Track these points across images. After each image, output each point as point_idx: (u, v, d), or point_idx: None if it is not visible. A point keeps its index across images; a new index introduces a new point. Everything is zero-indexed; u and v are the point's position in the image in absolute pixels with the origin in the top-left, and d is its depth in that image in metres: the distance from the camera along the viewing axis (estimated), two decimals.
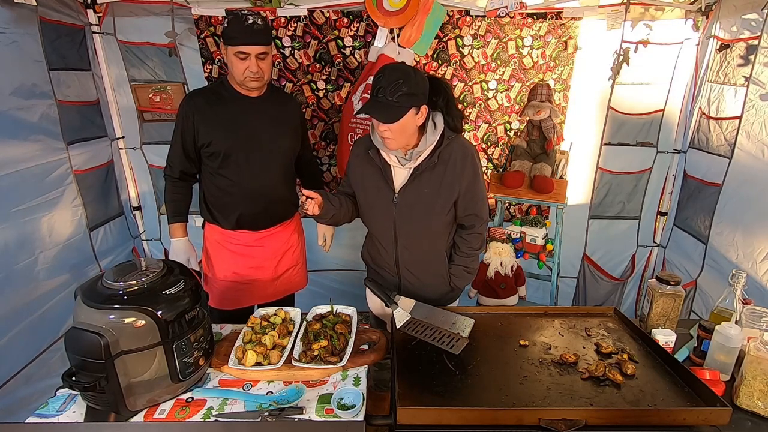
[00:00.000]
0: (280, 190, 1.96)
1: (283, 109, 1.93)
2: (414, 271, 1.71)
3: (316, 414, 1.18)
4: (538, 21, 2.47)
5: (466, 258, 1.70)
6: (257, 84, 1.78)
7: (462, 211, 1.62)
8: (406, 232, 1.63)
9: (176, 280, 1.22)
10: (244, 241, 1.96)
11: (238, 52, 1.69)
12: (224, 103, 1.81)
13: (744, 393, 1.23)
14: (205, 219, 1.99)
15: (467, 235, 1.68)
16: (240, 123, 1.82)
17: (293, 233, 2.10)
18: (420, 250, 1.68)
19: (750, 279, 1.95)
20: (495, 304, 2.34)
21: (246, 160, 1.84)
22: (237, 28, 1.67)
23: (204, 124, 1.80)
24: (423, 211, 1.58)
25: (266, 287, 2.03)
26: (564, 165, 2.44)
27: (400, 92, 1.38)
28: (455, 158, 1.54)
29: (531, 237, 2.46)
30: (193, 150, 1.85)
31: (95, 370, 1.09)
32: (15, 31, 1.95)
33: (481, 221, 1.67)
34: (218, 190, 1.89)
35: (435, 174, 1.54)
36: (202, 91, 1.88)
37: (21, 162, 1.98)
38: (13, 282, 1.94)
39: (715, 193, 2.32)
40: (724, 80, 2.30)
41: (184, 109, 1.82)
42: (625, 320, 1.59)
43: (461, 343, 1.40)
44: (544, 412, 1.12)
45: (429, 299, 1.66)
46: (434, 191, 1.56)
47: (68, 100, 2.28)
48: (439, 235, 1.67)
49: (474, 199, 1.61)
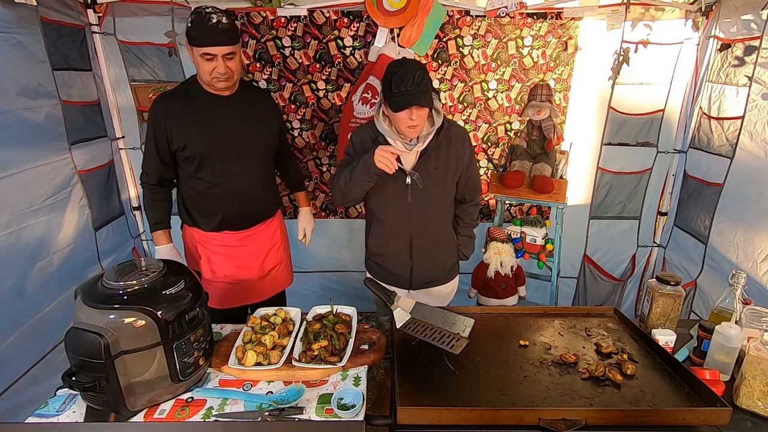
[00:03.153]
0: (261, 188, 1.93)
1: (256, 105, 1.88)
2: (427, 250, 1.80)
3: (316, 414, 1.18)
4: (538, 21, 2.47)
5: (468, 227, 1.92)
6: (226, 84, 1.73)
7: (464, 184, 1.80)
8: (420, 211, 1.73)
9: (176, 280, 1.22)
10: (227, 242, 1.93)
11: (203, 54, 1.62)
12: (196, 104, 1.76)
13: (744, 393, 1.23)
14: (185, 222, 1.96)
15: (468, 207, 1.89)
16: (214, 123, 1.77)
17: (276, 231, 2.07)
18: (433, 226, 1.79)
19: (750, 279, 1.95)
20: (495, 304, 2.34)
21: (223, 161, 1.80)
22: (201, 27, 1.60)
23: (177, 128, 1.74)
24: (435, 187, 1.71)
25: (254, 286, 2.01)
26: (564, 165, 2.44)
27: (425, 80, 1.52)
28: (456, 137, 1.71)
29: (531, 237, 2.46)
30: (167, 154, 1.79)
31: (95, 370, 1.09)
32: (18, 31, 1.95)
33: (479, 193, 1.91)
34: (197, 193, 1.85)
35: (441, 152, 1.69)
36: (172, 93, 1.81)
37: (27, 162, 1.98)
38: (30, 283, 1.95)
39: (715, 193, 2.32)
40: (725, 80, 2.29)
41: (154, 113, 1.75)
42: (625, 320, 1.59)
43: (461, 343, 1.40)
44: (544, 412, 1.12)
45: (437, 279, 1.87)
46: (443, 167, 1.70)
47: (71, 100, 2.29)
48: (448, 209, 1.84)
49: (474, 173, 1.83)
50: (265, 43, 2.53)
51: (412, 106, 1.50)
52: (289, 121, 2.72)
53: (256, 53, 2.56)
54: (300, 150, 2.80)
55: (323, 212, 2.96)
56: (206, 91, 1.77)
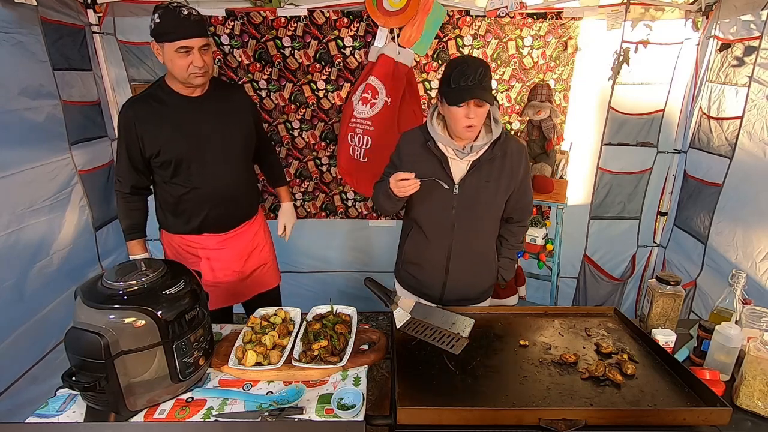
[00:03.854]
0: (240, 189, 1.88)
1: (229, 103, 1.82)
2: (464, 267, 1.70)
3: (316, 414, 1.18)
4: (538, 21, 2.47)
5: (512, 250, 1.79)
6: (203, 80, 1.67)
7: (514, 203, 1.68)
8: (464, 223, 1.62)
9: (176, 280, 1.22)
10: (207, 245, 1.89)
11: (179, 48, 1.57)
12: (167, 107, 1.70)
13: (744, 393, 1.23)
14: (163, 227, 1.91)
15: (515, 227, 1.76)
16: (187, 126, 1.71)
17: (258, 231, 2.02)
18: (475, 243, 1.69)
19: (750, 279, 1.95)
20: (495, 304, 2.34)
21: (199, 164, 1.74)
22: (173, 22, 1.56)
23: (148, 134, 1.68)
24: (484, 202, 1.61)
25: (234, 288, 1.96)
26: (564, 165, 2.44)
27: (487, 77, 1.45)
28: (512, 152, 1.60)
29: (531, 237, 2.46)
30: (140, 162, 1.74)
31: (95, 370, 1.09)
32: (18, 31, 1.95)
33: (529, 214, 1.78)
34: (174, 198, 1.80)
35: (495, 166, 1.59)
36: (141, 98, 1.74)
37: (27, 162, 1.98)
38: (30, 283, 1.95)
39: (714, 193, 2.32)
40: (725, 80, 2.30)
41: (124, 119, 1.69)
42: (625, 320, 1.59)
43: (461, 343, 1.40)
44: (544, 412, 1.12)
45: (469, 298, 1.76)
46: (495, 182, 1.59)
47: (72, 100, 2.29)
48: (492, 227, 1.72)
49: (527, 192, 1.71)
50: (265, 43, 2.53)
51: (471, 99, 1.42)
52: (289, 121, 2.72)
53: (256, 53, 2.56)
54: (300, 150, 2.80)
55: (323, 212, 2.96)
56: (177, 93, 1.71)
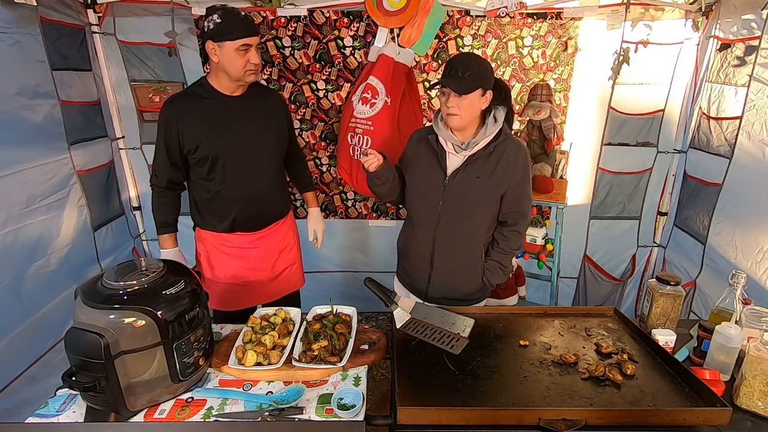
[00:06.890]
0: (273, 189, 1.93)
1: (266, 104, 1.88)
2: (447, 263, 1.72)
3: (316, 414, 1.18)
4: (538, 21, 2.47)
5: (503, 255, 1.73)
6: (255, 77, 1.74)
7: (507, 207, 1.68)
8: (449, 216, 1.66)
9: (176, 280, 1.22)
10: (239, 243, 1.93)
11: (241, 46, 1.64)
12: (207, 106, 1.75)
13: (744, 393, 1.23)
14: (197, 224, 1.95)
15: (508, 232, 1.72)
16: (225, 125, 1.76)
17: (288, 232, 2.07)
18: (459, 238, 1.69)
19: (750, 279, 1.95)
20: (495, 304, 2.34)
21: (235, 163, 1.79)
22: (234, 21, 1.63)
23: (188, 130, 1.73)
24: (471, 197, 1.63)
25: (264, 288, 2.01)
26: (564, 165, 2.44)
27: (470, 71, 1.51)
28: (509, 153, 1.62)
29: (531, 237, 2.45)
30: (179, 157, 1.78)
31: (95, 370, 1.09)
32: (17, 31, 1.95)
33: (524, 220, 1.73)
34: (209, 195, 1.84)
35: (488, 164, 1.61)
36: (181, 95, 1.81)
37: (25, 162, 1.97)
38: (28, 283, 1.95)
39: (714, 193, 2.32)
40: (725, 80, 2.30)
41: (165, 115, 1.74)
42: (625, 320, 1.59)
43: (461, 343, 1.40)
44: (544, 412, 1.12)
45: (456, 299, 1.74)
46: (485, 179, 1.61)
47: (71, 100, 2.28)
48: (479, 227, 1.70)
49: (521, 197, 1.68)
50: (265, 43, 2.53)
51: (444, 88, 1.52)
52: None
53: None
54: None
55: (323, 212, 2.95)
56: (217, 92, 1.76)
